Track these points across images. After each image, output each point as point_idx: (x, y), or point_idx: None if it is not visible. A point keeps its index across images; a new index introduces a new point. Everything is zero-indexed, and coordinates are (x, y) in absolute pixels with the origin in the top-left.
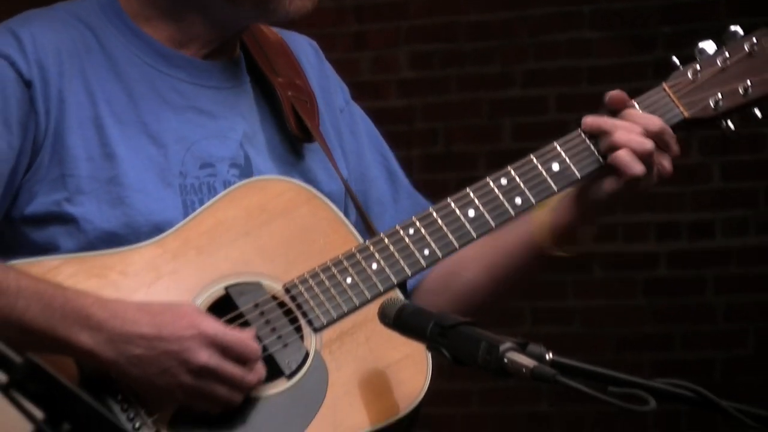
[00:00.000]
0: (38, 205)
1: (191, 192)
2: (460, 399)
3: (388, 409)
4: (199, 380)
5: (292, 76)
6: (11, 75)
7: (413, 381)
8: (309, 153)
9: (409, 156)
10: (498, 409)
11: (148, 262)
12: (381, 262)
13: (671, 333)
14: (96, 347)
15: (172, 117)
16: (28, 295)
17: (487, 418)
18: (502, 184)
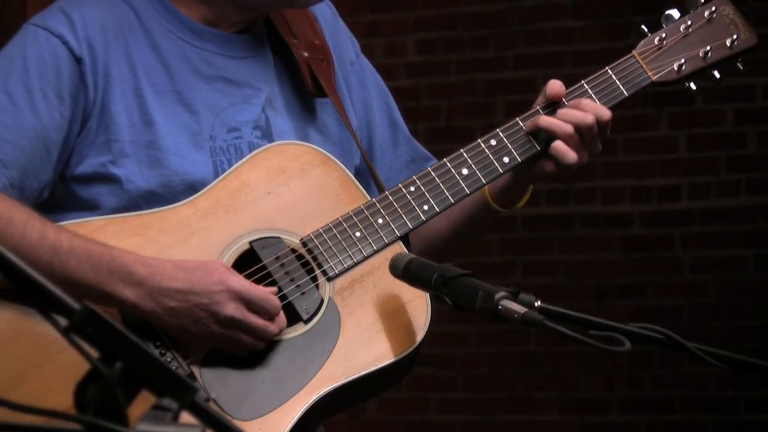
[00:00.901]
0: (86, 166)
1: (220, 153)
2: (460, 340)
3: (392, 349)
4: (226, 329)
5: (309, 36)
6: (63, 52)
7: (414, 324)
8: (323, 107)
9: (416, 129)
10: (493, 348)
11: (182, 221)
12: (386, 217)
13: (644, 283)
14: (138, 300)
15: (203, 87)
16: (78, 254)
17: (484, 356)
18: (492, 144)
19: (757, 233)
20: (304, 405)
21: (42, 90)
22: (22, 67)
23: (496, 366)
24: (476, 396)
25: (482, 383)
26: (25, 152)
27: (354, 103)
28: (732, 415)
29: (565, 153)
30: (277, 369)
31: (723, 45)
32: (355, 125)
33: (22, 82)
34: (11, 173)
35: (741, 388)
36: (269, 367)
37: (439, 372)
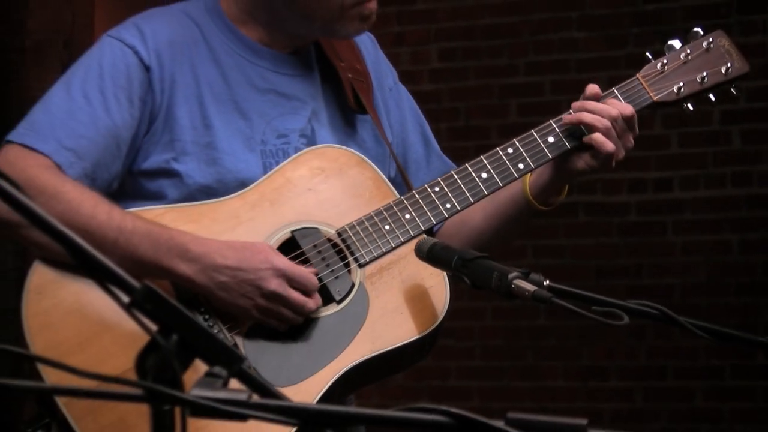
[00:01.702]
0: (152, 162)
1: (269, 156)
2: (478, 315)
3: (414, 328)
4: (270, 303)
5: (353, 61)
6: (135, 61)
7: (435, 308)
8: (362, 124)
9: (438, 129)
10: (506, 322)
11: (232, 211)
12: (413, 213)
13: (640, 264)
14: (192, 275)
15: (257, 97)
16: (141, 233)
17: (498, 329)
18: (509, 152)
19: (741, 220)
20: (334, 375)
21: (115, 94)
22: (98, 72)
23: (509, 338)
24: (491, 365)
25: (497, 353)
26: (98, 147)
27: (391, 123)
28: (718, 381)
29: (603, 142)
30: (311, 343)
31: (718, 72)
32: (390, 141)
33: (98, 86)
34: (85, 164)
35: (726, 357)
36: (304, 341)
37: (459, 343)
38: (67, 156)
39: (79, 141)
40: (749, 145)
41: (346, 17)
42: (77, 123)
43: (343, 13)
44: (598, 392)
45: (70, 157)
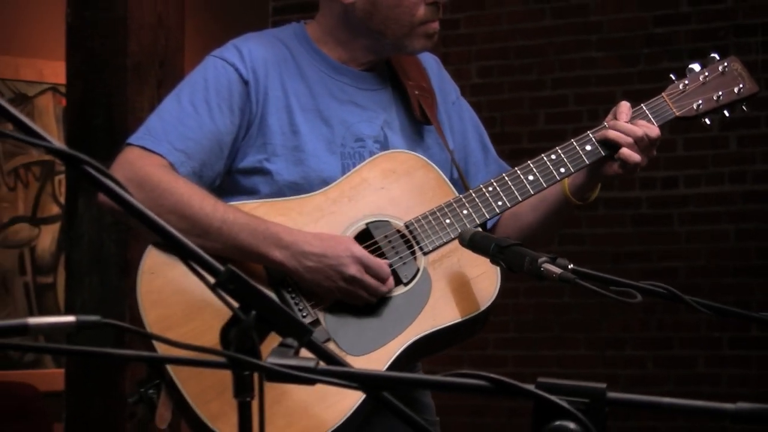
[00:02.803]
0: (247, 162)
1: (348, 157)
2: (512, 293)
3: (469, 307)
4: (349, 285)
5: (419, 80)
6: (235, 76)
7: (487, 289)
8: (427, 133)
9: None
10: (536, 300)
11: (316, 206)
12: (469, 209)
13: (650, 251)
14: (284, 260)
15: (338, 107)
16: (241, 223)
17: (529, 306)
18: (552, 158)
19: (737, 213)
20: (401, 347)
21: (218, 104)
22: (203, 86)
23: (539, 313)
24: (523, 336)
25: (528, 326)
26: (204, 149)
27: (453, 132)
28: (717, 350)
29: (630, 155)
30: (382, 319)
31: (731, 91)
32: (452, 149)
33: (203, 97)
34: (193, 163)
35: (725, 330)
36: (376, 316)
37: (496, 318)
38: (178, 156)
39: (188, 143)
40: (744, 148)
41: (414, 34)
42: (186, 128)
43: (411, 30)
44: (615, 360)
45: (181, 157)
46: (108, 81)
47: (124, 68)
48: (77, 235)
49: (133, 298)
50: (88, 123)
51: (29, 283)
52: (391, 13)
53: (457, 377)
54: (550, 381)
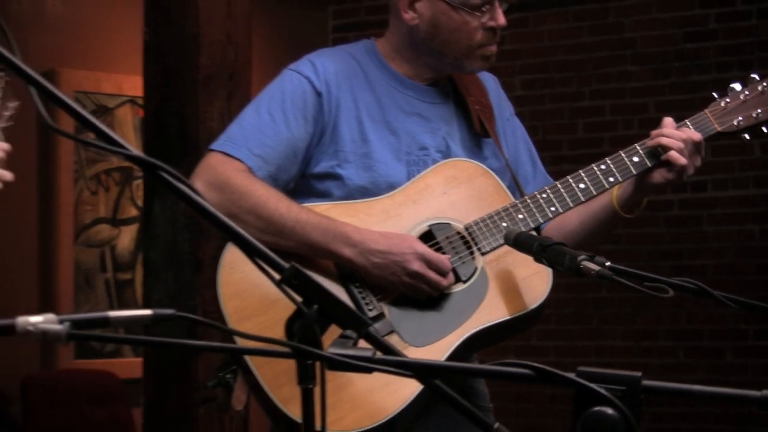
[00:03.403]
0: (320, 168)
1: (413, 164)
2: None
3: (522, 304)
4: (412, 280)
5: (479, 96)
6: (309, 88)
7: (540, 288)
8: (486, 144)
9: None
10: (576, 295)
11: (383, 209)
12: (524, 214)
13: (680, 249)
14: (353, 257)
15: (404, 118)
16: (313, 223)
17: (569, 300)
18: (602, 168)
19: (762, 214)
20: (458, 339)
21: (293, 113)
22: (280, 97)
23: (578, 307)
24: (564, 328)
25: (568, 319)
26: (280, 154)
27: (507, 145)
28: (744, 342)
29: (677, 158)
30: (442, 313)
31: None
32: (506, 158)
33: (280, 108)
34: (270, 168)
35: (750, 322)
36: (437, 311)
37: None
38: (256, 161)
39: (265, 150)
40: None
41: (472, 56)
42: (264, 136)
43: (470, 52)
44: (649, 350)
45: (258, 162)
46: (181, 93)
47: (196, 81)
48: (153, 235)
49: (205, 292)
50: (163, 132)
51: (110, 280)
52: (452, 36)
53: (503, 366)
54: (590, 370)
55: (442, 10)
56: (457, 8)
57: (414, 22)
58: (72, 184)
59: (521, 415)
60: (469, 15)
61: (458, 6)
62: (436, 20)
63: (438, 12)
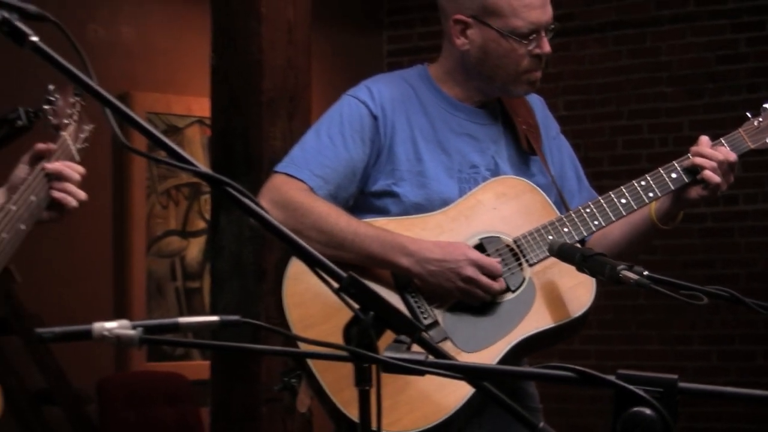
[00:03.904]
0: (378, 186)
1: (464, 182)
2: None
3: (568, 312)
4: (467, 285)
5: (526, 116)
6: (366, 112)
7: (584, 296)
8: (533, 162)
9: None
10: (616, 302)
11: (437, 223)
12: (569, 227)
13: (713, 259)
14: (410, 266)
15: (456, 139)
16: (371, 236)
17: (609, 307)
18: (642, 184)
19: None
20: (508, 345)
21: (351, 136)
22: (339, 121)
23: (618, 313)
24: (604, 333)
25: (609, 325)
26: (339, 174)
27: (553, 162)
28: None
29: (711, 177)
30: (493, 320)
31: None
32: (553, 175)
33: (339, 131)
34: (330, 187)
35: None
36: (488, 318)
37: None
38: (317, 181)
39: (325, 170)
40: None
41: (519, 81)
42: (324, 157)
43: (516, 78)
44: (684, 354)
45: (319, 182)
46: (246, 114)
47: (259, 104)
48: (220, 246)
49: (267, 300)
50: (229, 150)
51: (179, 288)
52: (500, 62)
53: (547, 369)
54: (629, 372)
55: (492, 38)
56: (506, 36)
57: (465, 47)
58: (144, 198)
59: (564, 415)
60: (517, 43)
61: (507, 34)
62: (486, 47)
63: (488, 39)
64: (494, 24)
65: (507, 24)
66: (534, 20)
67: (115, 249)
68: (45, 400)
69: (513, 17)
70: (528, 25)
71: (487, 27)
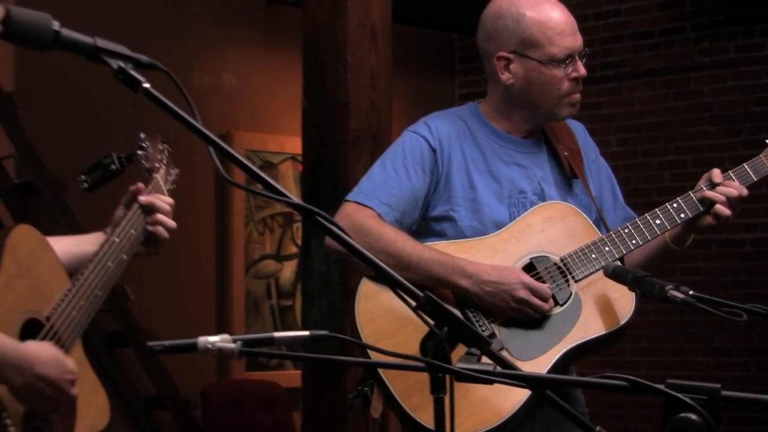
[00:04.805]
0: (436, 211)
1: (513, 206)
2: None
3: (611, 323)
4: (519, 305)
5: (568, 142)
6: (426, 146)
7: (625, 309)
8: (575, 185)
9: None
10: (663, 318)
11: (491, 245)
12: (610, 246)
13: (752, 280)
14: (468, 286)
15: (505, 168)
16: (434, 259)
17: (658, 322)
18: (674, 207)
19: None
20: (559, 353)
21: (413, 167)
22: (402, 154)
23: (666, 328)
24: (653, 346)
25: (657, 338)
26: (404, 202)
27: (593, 184)
28: None
29: (723, 211)
30: (543, 332)
31: None
32: (594, 197)
33: (402, 163)
34: (396, 213)
35: None
36: (539, 330)
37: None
38: (384, 208)
39: (391, 198)
40: None
41: (561, 104)
42: (390, 187)
43: (559, 101)
44: (725, 365)
45: (386, 209)
46: (333, 152)
47: (345, 142)
48: (310, 268)
49: (353, 317)
50: (318, 184)
51: (274, 306)
52: (542, 89)
53: (605, 379)
54: (676, 381)
55: (533, 67)
56: (545, 64)
57: (510, 81)
58: (243, 226)
59: (617, 419)
60: (556, 68)
61: (546, 62)
62: (528, 77)
63: (530, 69)
64: (533, 55)
65: (545, 53)
66: (568, 46)
67: (217, 271)
68: (155, 405)
69: (549, 46)
70: (563, 51)
71: (527, 59)
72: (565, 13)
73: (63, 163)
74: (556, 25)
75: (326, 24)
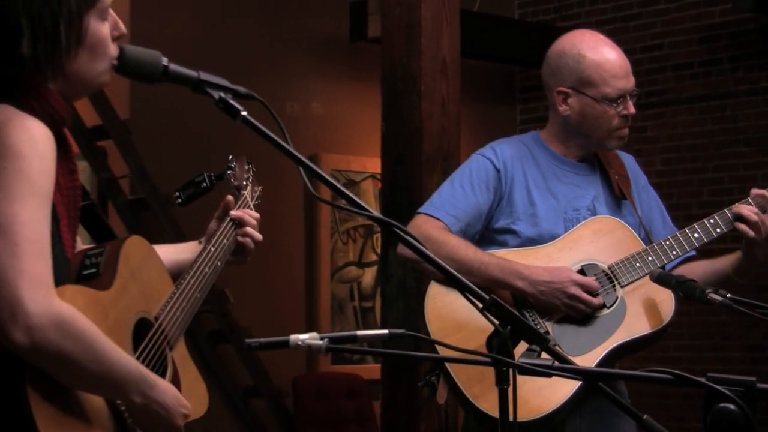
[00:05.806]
0: (499, 224)
1: (569, 221)
2: (685, 313)
3: (653, 323)
4: (571, 301)
5: (618, 168)
6: (491, 167)
7: (666, 311)
8: (624, 205)
9: None
10: (703, 318)
11: (547, 253)
12: (653, 256)
13: None
14: (524, 287)
15: (562, 187)
16: (494, 264)
17: (698, 322)
18: (711, 222)
19: None
20: (605, 350)
21: (479, 185)
22: (468, 173)
23: (705, 327)
24: (694, 342)
25: (697, 336)
26: (468, 215)
27: (642, 207)
28: None
29: (745, 231)
30: (592, 331)
31: None
32: (641, 216)
33: (469, 181)
34: (461, 225)
35: None
36: (588, 329)
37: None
38: (451, 220)
39: (457, 212)
40: None
41: (611, 137)
42: (457, 201)
43: (609, 134)
44: (760, 360)
45: (453, 221)
46: (408, 171)
47: (419, 163)
48: (388, 274)
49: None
50: (396, 200)
51: (356, 307)
52: (595, 122)
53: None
54: (716, 375)
55: (588, 103)
56: (599, 101)
57: (567, 113)
58: (329, 237)
59: (661, 408)
60: (608, 106)
61: (600, 99)
62: (583, 111)
63: (585, 105)
64: (589, 92)
65: (599, 92)
66: (621, 87)
67: (306, 276)
68: (252, 395)
69: (604, 86)
70: (616, 92)
71: (583, 95)
72: (620, 56)
73: (171, 182)
74: (612, 68)
75: (402, 59)
